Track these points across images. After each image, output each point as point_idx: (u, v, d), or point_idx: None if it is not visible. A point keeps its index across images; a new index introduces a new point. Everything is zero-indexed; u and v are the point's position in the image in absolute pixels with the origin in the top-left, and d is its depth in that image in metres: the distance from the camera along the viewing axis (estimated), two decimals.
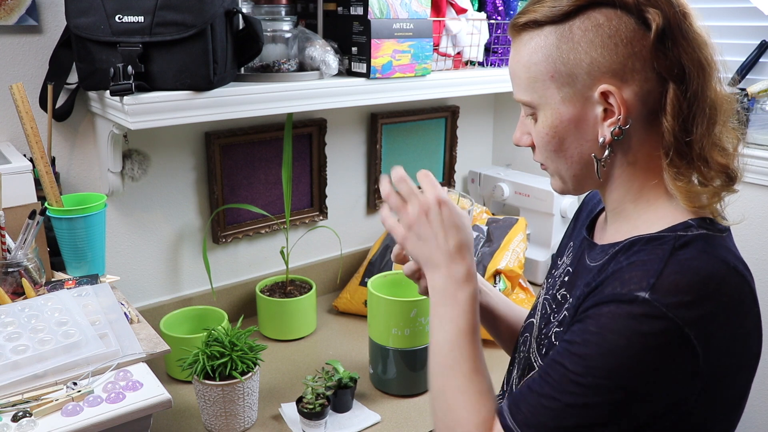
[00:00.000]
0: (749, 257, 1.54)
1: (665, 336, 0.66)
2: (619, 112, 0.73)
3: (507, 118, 2.12)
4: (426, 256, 0.83)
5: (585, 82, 0.74)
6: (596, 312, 0.70)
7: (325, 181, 1.74)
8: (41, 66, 1.28)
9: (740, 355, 0.72)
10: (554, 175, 0.84)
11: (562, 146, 0.78)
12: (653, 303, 0.66)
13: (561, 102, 0.76)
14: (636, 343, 0.66)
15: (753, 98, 1.52)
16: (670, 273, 0.67)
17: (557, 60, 0.74)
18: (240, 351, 1.18)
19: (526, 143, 0.83)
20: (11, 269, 1.10)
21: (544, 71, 0.76)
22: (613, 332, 0.67)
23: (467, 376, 0.78)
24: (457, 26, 1.54)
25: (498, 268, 1.62)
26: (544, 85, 0.76)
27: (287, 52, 1.34)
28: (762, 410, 1.61)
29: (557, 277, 0.90)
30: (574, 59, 0.73)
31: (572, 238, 0.95)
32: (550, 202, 1.84)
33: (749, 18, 1.62)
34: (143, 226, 1.49)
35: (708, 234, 0.72)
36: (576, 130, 0.77)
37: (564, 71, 0.74)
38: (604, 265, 0.77)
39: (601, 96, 0.73)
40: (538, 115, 0.79)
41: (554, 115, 0.77)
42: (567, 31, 0.73)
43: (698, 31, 0.73)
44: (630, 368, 0.67)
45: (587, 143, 0.77)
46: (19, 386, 0.89)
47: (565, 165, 0.80)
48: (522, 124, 0.83)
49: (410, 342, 1.29)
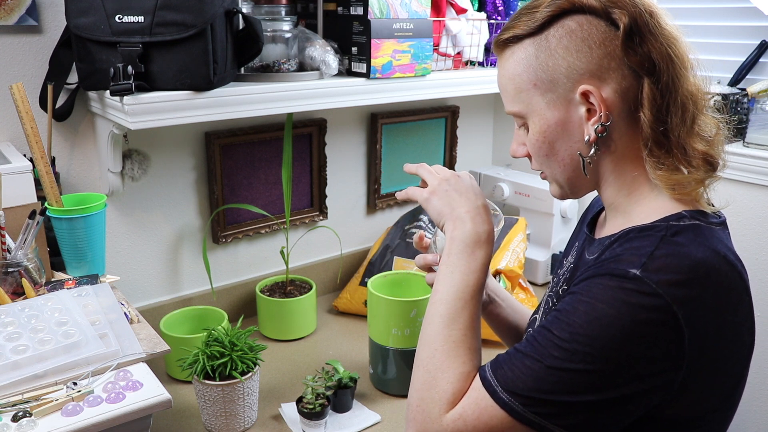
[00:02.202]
0: (749, 257, 1.55)
1: (654, 312, 0.67)
2: (601, 110, 0.77)
3: (507, 118, 2.12)
4: (451, 208, 0.87)
5: (566, 86, 0.78)
6: (588, 283, 0.72)
7: (325, 181, 1.74)
8: (41, 66, 1.28)
9: (732, 344, 0.73)
10: (552, 182, 0.88)
11: (553, 150, 0.82)
12: (644, 279, 0.68)
13: (546, 107, 0.80)
14: (624, 314, 0.67)
15: (753, 98, 1.52)
16: (661, 255, 0.70)
17: (537, 68, 0.79)
18: (240, 351, 1.18)
19: (522, 154, 0.87)
20: (11, 269, 1.10)
21: (527, 80, 0.80)
22: (603, 302, 0.69)
23: (462, 330, 0.79)
24: (457, 26, 1.54)
25: (498, 268, 1.62)
26: (529, 93, 0.81)
27: (287, 52, 1.34)
28: (762, 410, 1.61)
29: (561, 275, 0.93)
30: (552, 65, 0.78)
31: (577, 238, 0.97)
32: (550, 202, 1.84)
33: (749, 18, 1.62)
34: (143, 226, 1.49)
35: (700, 225, 0.75)
36: (564, 133, 0.80)
37: (545, 78, 0.79)
38: (599, 255, 0.79)
39: (582, 96, 0.77)
40: (528, 124, 0.83)
41: (542, 121, 0.81)
42: (544, 40, 0.78)
43: (667, 27, 0.77)
44: (614, 338, 0.68)
45: (576, 144, 0.81)
46: (19, 386, 0.89)
47: (558, 169, 0.84)
48: (517, 135, 0.88)
49: (410, 342, 1.29)
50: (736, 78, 1.62)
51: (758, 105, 1.51)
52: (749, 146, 1.52)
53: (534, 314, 0.97)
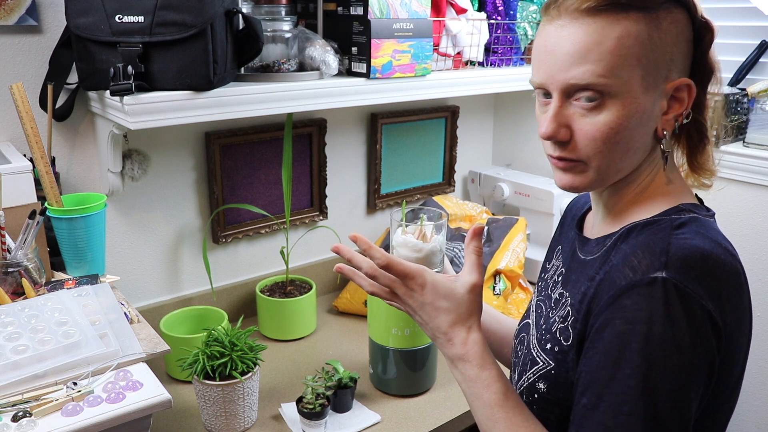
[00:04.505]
0: (749, 256, 1.55)
1: (692, 313, 0.67)
2: (687, 106, 0.77)
3: (507, 118, 2.12)
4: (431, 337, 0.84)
5: (663, 74, 0.75)
6: (619, 307, 0.69)
7: (325, 181, 1.74)
8: (41, 66, 1.28)
9: (741, 333, 0.74)
10: (591, 170, 0.78)
11: (626, 137, 0.75)
12: (671, 281, 0.67)
13: (642, 91, 0.74)
14: (670, 328, 0.66)
15: (753, 98, 1.52)
16: (676, 250, 0.69)
17: (648, 47, 0.73)
18: (240, 351, 1.18)
19: (564, 137, 0.76)
20: (11, 269, 1.10)
21: (634, 56, 0.73)
22: (642, 322, 0.67)
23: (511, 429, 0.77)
24: (457, 26, 1.54)
25: (498, 268, 1.62)
26: (631, 71, 0.73)
27: (287, 52, 1.34)
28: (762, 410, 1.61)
29: (549, 279, 0.92)
30: (661, 49, 0.74)
31: (560, 242, 0.96)
32: (550, 202, 1.84)
33: (749, 18, 1.62)
34: (143, 226, 1.49)
35: (699, 217, 0.75)
36: (642, 121, 0.76)
37: (652, 59, 0.73)
38: (605, 255, 0.77)
39: (673, 89, 0.76)
40: (608, 103, 0.74)
41: (633, 104, 0.74)
42: (656, 20, 0.73)
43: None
44: (674, 354, 0.67)
45: (643, 136, 0.77)
46: (19, 386, 0.89)
47: (618, 157, 0.76)
48: (559, 115, 0.76)
49: (410, 342, 1.29)
50: (736, 78, 1.62)
51: (758, 105, 1.51)
52: (749, 146, 1.52)
53: (525, 319, 0.95)
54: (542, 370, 0.83)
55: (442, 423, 1.25)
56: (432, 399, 1.33)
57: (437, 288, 0.80)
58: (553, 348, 0.81)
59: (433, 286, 0.80)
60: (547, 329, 0.84)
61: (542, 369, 0.83)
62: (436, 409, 1.29)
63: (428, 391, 1.35)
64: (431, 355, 1.33)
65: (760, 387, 1.59)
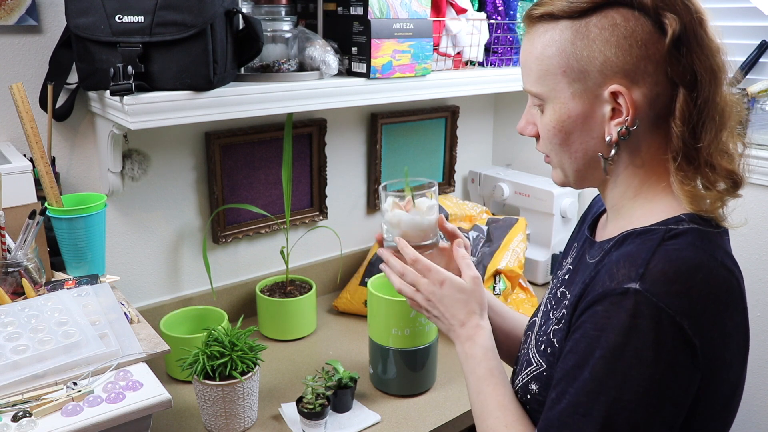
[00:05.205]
0: (749, 257, 1.55)
1: (660, 328, 0.66)
2: (627, 113, 0.74)
3: (507, 118, 2.12)
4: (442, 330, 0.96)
5: (596, 80, 0.74)
6: (592, 313, 0.71)
7: (325, 181, 1.74)
8: (41, 66, 1.28)
9: (732, 350, 0.73)
10: (556, 168, 0.85)
11: (568, 140, 0.79)
12: (643, 293, 0.67)
13: (570, 97, 0.77)
14: (634, 340, 0.67)
15: (753, 98, 1.52)
16: (657, 262, 0.69)
17: (571, 56, 0.75)
18: (240, 351, 1.18)
19: (530, 133, 0.84)
20: (11, 269, 1.10)
21: (556, 65, 0.76)
22: (609, 330, 0.68)
23: (494, 414, 0.84)
24: (457, 26, 1.54)
25: (498, 268, 1.62)
26: (555, 79, 0.77)
27: (287, 52, 1.34)
28: (762, 410, 1.61)
29: (560, 277, 0.92)
30: (588, 56, 0.74)
31: (576, 239, 0.96)
32: (550, 202, 1.84)
33: (749, 18, 1.62)
34: (143, 226, 1.49)
35: (699, 228, 0.73)
36: (583, 127, 0.78)
37: (576, 67, 0.75)
38: (601, 260, 0.78)
39: (610, 95, 0.74)
40: (546, 108, 0.80)
41: (562, 110, 0.78)
42: (583, 27, 0.74)
43: (712, 37, 0.74)
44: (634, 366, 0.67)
45: (592, 140, 0.78)
46: (19, 386, 0.89)
47: (568, 159, 0.81)
48: (528, 113, 0.84)
49: (410, 342, 1.29)
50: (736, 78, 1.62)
51: (758, 105, 1.51)
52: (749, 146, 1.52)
53: (533, 317, 0.96)
54: (535, 371, 0.83)
55: (442, 423, 1.25)
56: (432, 399, 1.33)
57: (453, 283, 0.93)
58: (546, 350, 0.82)
59: (450, 281, 0.93)
60: (545, 331, 0.85)
61: (535, 370, 0.83)
62: (436, 409, 1.29)
63: (428, 391, 1.35)
64: (431, 355, 1.33)
65: (760, 387, 1.59)
